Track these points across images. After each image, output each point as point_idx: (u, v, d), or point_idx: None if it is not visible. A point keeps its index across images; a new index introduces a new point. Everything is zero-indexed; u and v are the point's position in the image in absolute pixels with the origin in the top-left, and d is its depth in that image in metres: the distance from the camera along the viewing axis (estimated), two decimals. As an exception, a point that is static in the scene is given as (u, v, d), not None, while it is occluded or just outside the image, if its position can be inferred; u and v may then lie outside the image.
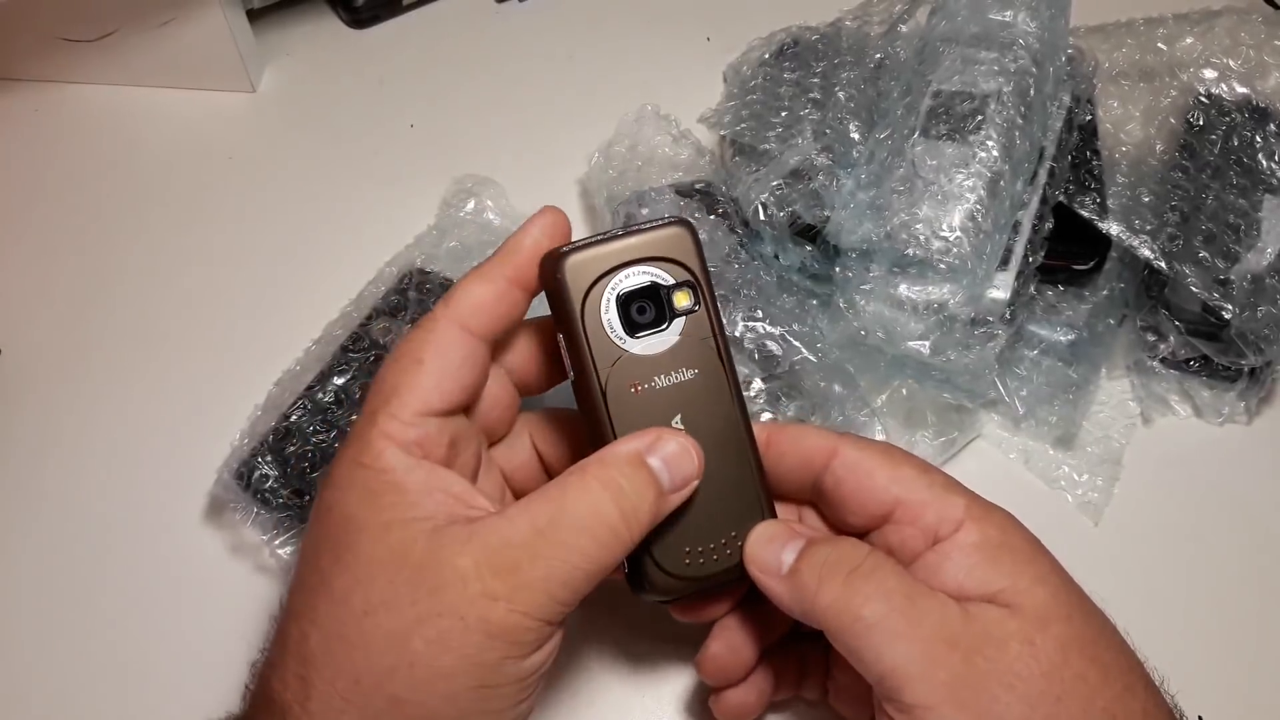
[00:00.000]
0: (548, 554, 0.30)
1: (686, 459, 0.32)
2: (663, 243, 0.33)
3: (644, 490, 0.31)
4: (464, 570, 0.30)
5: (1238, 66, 0.51)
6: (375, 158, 0.59)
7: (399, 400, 0.32)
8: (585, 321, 0.33)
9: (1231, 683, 0.41)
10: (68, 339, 0.51)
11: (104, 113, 0.61)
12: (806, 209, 0.47)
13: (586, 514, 0.30)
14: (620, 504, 0.31)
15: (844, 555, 0.32)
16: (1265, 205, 0.48)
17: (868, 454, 0.34)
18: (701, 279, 0.34)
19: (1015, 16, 0.47)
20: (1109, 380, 0.49)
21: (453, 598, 0.29)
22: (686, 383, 0.33)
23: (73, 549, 0.45)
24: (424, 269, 0.49)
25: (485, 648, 0.29)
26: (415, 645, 0.29)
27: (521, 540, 0.30)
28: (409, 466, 0.31)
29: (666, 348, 0.33)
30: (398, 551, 0.30)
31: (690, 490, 0.33)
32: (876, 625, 0.30)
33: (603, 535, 0.30)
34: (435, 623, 0.29)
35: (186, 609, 0.43)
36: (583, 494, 0.31)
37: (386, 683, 0.30)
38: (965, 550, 0.32)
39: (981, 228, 0.42)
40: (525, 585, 0.30)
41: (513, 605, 0.29)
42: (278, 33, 0.65)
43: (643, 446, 0.32)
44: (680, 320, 0.33)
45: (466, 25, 0.66)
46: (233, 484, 0.42)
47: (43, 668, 0.42)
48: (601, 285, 0.33)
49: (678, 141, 0.53)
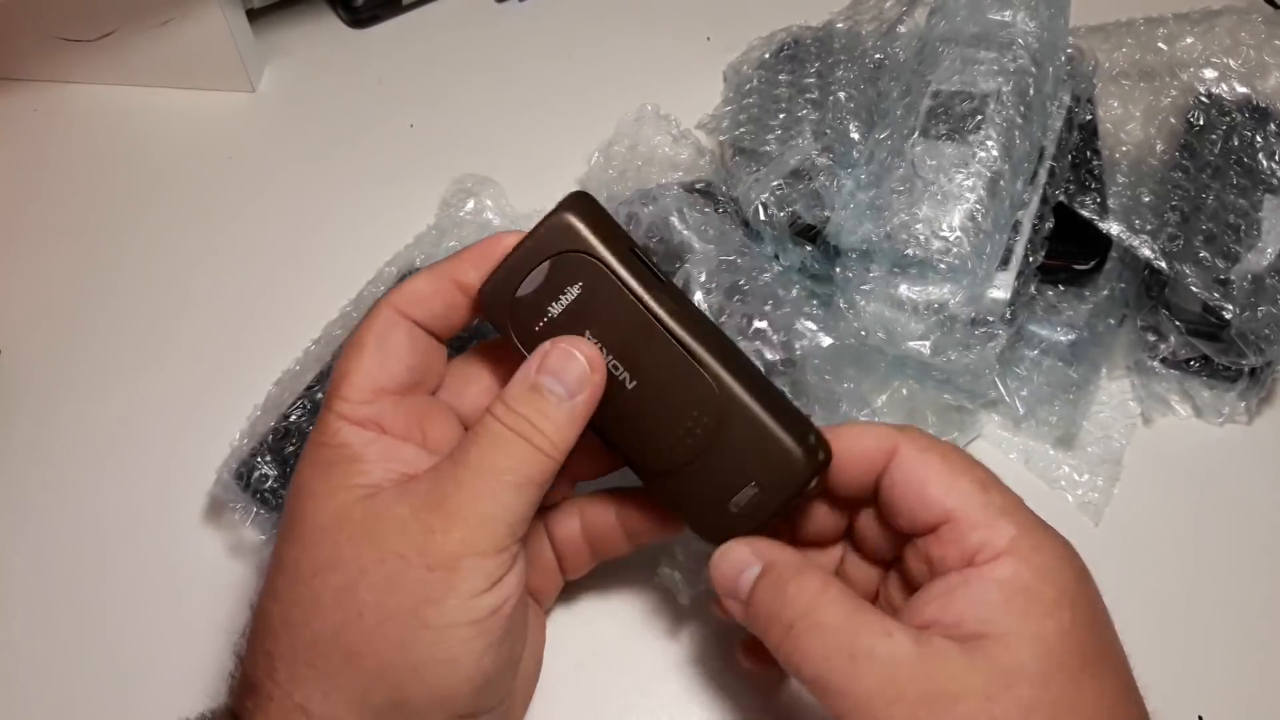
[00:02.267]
0: (470, 479, 0.31)
1: (571, 360, 0.33)
2: (551, 239, 0.34)
3: (542, 406, 0.32)
4: (402, 516, 0.31)
5: (1238, 66, 0.51)
6: (375, 158, 0.59)
7: (348, 383, 0.34)
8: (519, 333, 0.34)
9: (1232, 683, 0.41)
10: (68, 339, 0.51)
11: (104, 113, 0.61)
12: (806, 209, 0.47)
13: (498, 435, 0.32)
14: (521, 426, 0.32)
15: (788, 602, 0.31)
16: (1265, 205, 0.47)
17: (926, 459, 0.33)
18: (597, 253, 0.34)
19: (1014, 16, 0.47)
20: (1109, 380, 0.49)
21: (392, 541, 0.31)
22: (578, 298, 0.34)
23: (72, 549, 0.45)
24: (424, 269, 0.49)
25: (429, 582, 0.30)
26: (362, 594, 0.31)
27: (445, 476, 0.32)
28: (366, 441, 0.33)
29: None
30: (339, 515, 0.32)
31: (598, 387, 0.33)
32: (815, 681, 0.30)
33: (519, 450, 0.32)
34: (378, 569, 0.31)
35: (186, 609, 0.43)
36: (491, 423, 0.32)
37: (341, 637, 0.31)
38: (988, 584, 0.30)
39: (981, 228, 0.42)
40: (456, 512, 0.31)
41: (449, 534, 0.31)
42: (277, 32, 0.65)
43: (531, 371, 0.33)
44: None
45: (466, 25, 0.66)
46: (232, 484, 0.42)
47: (42, 667, 0.42)
48: (517, 297, 0.34)
49: (678, 141, 0.53)
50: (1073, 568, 0.31)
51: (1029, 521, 0.32)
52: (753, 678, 0.40)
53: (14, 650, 0.42)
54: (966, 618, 0.30)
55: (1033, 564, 0.30)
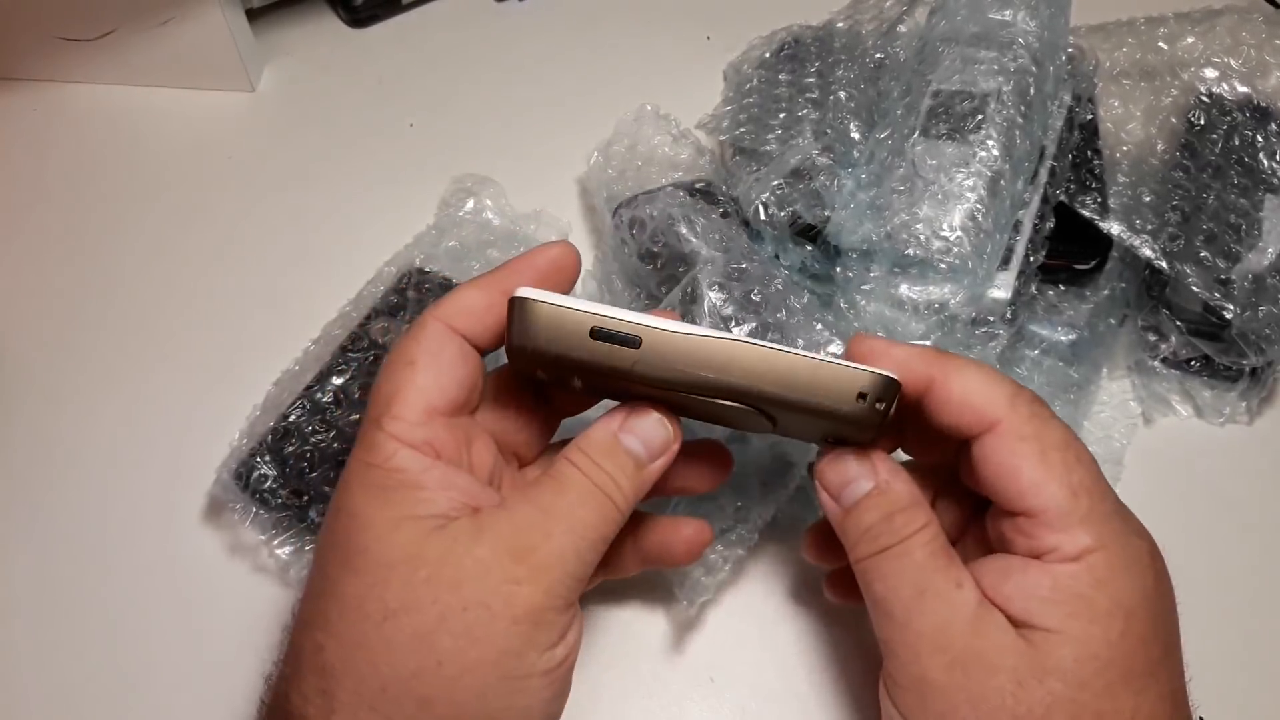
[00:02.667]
0: (557, 531, 0.31)
1: (660, 429, 0.34)
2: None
3: (625, 466, 0.33)
4: (485, 560, 0.30)
5: (1239, 66, 0.51)
6: (374, 157, 0.59)
7: (400, 402, 0.32)
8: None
9: (1232, 682, 0.41)
10: (67, 339, 0.51)
11: (103, 112, 0.61)
12: (807, 209, 0.47)
13: (582, 492, 0.32)
14: (605, 484, 0.32)
15: (889, 530, 0.33)
16: (1266, 205, 0.47)
17: (1025, 447, 0.32)
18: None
19: (1015, 15, 0.47)
20: (1110, 380, 0.49)
21: (476, 589, 0.30)
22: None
23: (71, 549, 0.45)
24: (423, 269, 0.49)
25: (512, 635, 0.30)
26: (443, 643, 0.29)
27: (530, 523, 0.31)
28: (424, 467, 0.32)
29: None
30: (410, 551, 0.30)
31: (672, 456, 0.34)
32: (879, 603, 0.32)
33: (602, 508, 0.32)
34: (462, 617, 0.30)
35: (185, 609, 0.43)
36: (575, 475, 0.32)
37: (415, 685, 0.29)
38: (1042, 577, 0.31)
39: (982, 227, 0.42)
40: (543, 565, 0.30)
41: (535, 586, 0.30)
42: (277, 32, 0.65)
43: (616, 426, 0.33)
44: None
45: (466, 25, 0.66)
46: (231, 484, 0.42)
47: (41, 667, 0.42)
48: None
49: (677, 141, 0.53)
50: (1139, 578, 0.31)
51: (1110, 533, 0.31)
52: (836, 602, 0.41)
53: (14, 650, 0.42)
54: (1014, 603, 0.31)
55: (1096, 574, 0.31)
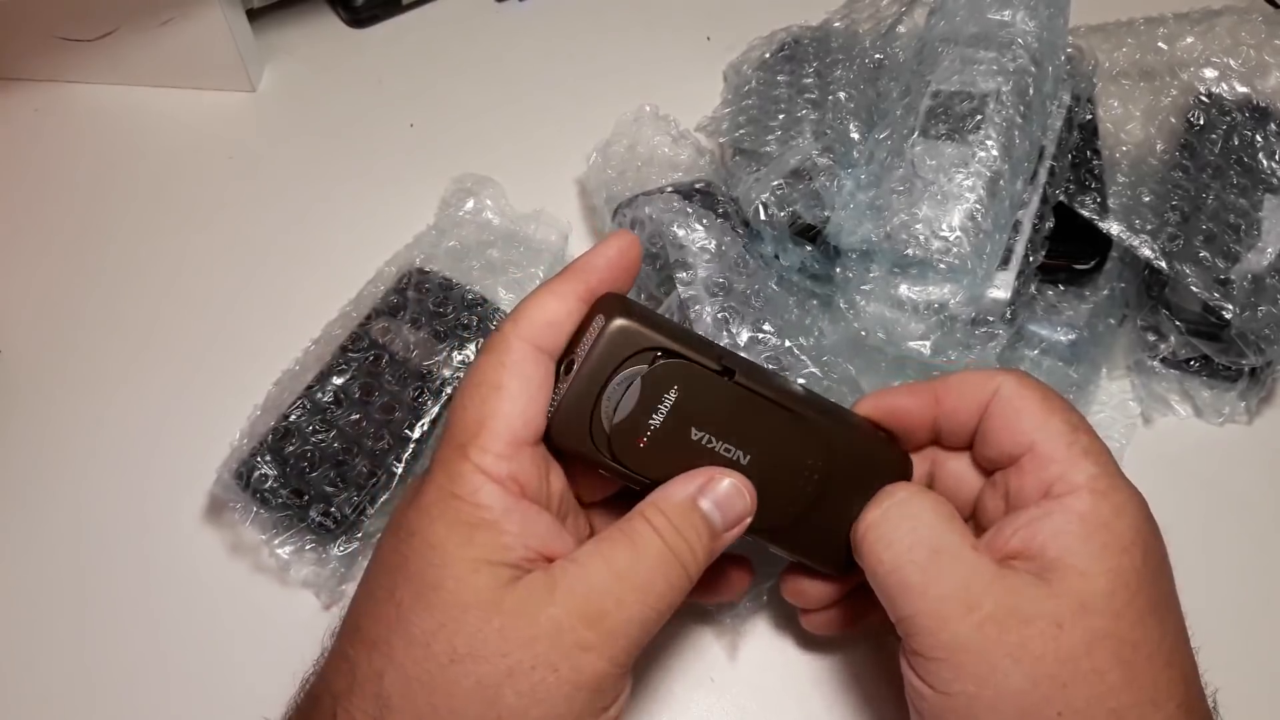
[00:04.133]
0: (630, 599, 0.30)
1: (739, 498, 0.32)
2: (616, 350, 0.32)
3: (701, 533, 0.32)
4: (559, 620, 0.29)
5: (1238, 66, 0.51)
6: (375, 157, 0.59)
7: (488, 432, 0.31)
8: (624, 458, 0.33)
9: (1232, 682, 0.41)
10: (68, 339, 0.51)
11: (104, 112, 0.61)
12: (807, 209, 0.47)
13: (657, 558, 0.31)
14: (680, 550, 0.31)
15: (888, 490, 0.33)
16: (1266, 205, 0.47)
17: (1025, 392, 0.34)
18: (662, 345, 0.33)
19: (1014, 16, 0.47)
20: (1109, 380, 0.49)
21: (546, 649, 0.29)
22: (677, 401, 0.33)
23: (72, 548, 0.45)
24: (423, 269, 0.49)
25: (574, 699, 0.29)
26: (506, 698, 0.29)
27: (605, 587, 0.30)
28: (507, 507, 0.31)
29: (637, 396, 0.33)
30: (486, 598, 0.30)
31: (745, 527, 0.33)
32: (892, 573, 0.31)
33: (674, 577, 0.31)
34: (529, 675, 0.29)
35: (185, 608, 0.43)
36: (652, 538, 0.31)
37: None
38: (1070, 516, 0.31)
39: (981, 227, 0.42)
40: (612, 632, 0.30)
41: (602, 653, 0.30)
42: (278, 32, 0.65)
43: (694, 489, 0.32)
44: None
45: (466, 25, 0.66)
46: (232, 484, 0.42)
47: (41, 667, 0.42)
48: (615, 424, 0.33)
49: (677, 141, 0.53)
50: (1144, 513, 0.32)
51: (1110, 466, 0.32)
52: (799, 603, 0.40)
53: (14, 649, 0.42)
54: (1048, 547, 0.31)
55: (1111, 502, 0.31)
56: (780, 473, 0.34)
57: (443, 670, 0.29)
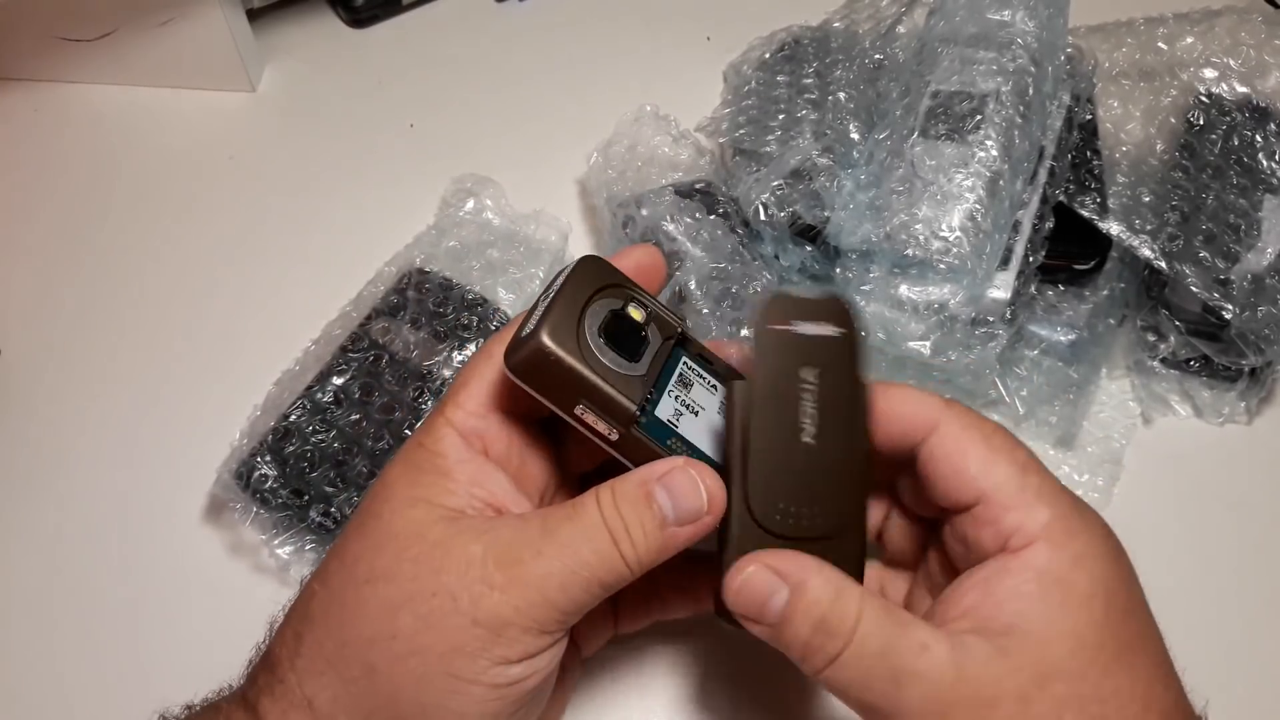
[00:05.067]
0: (550, 553, 0.30)
1: (693, 494, 0.31)
2: (589, 278, 0.33)
3: (644, 517, 0.31)
4: (472, 555, 0.30)
5: (1238, 66, 0.51)
6: (375, 157, 0.59)
7: (466, 391, 0.33)
8: (599, 375, 0.32)
9: (1232, 682, 0.41)
10: (68, 339, 0.51)
11: (104, 113, 0.61)
12: (807, 209, 0.47)
13: (590, 526, 0.31)
14: (616, 525, 0.31)
15: (832, 633, 0.30)
16: (1265, 205, 0.47)
17: (967, 436, 0.32)
18: (636, 290, 0.34)
19: (1013, 16, 0.47)
20: (1109, 380, 0.49)
21: (452, 579, 0.30)
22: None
23: (72, 548, 0.45)
24: (423, 269, 0.49)
25: (468, 633, 0.30)
26: (403, 618, 0.30)
27: (528, 539, 0.31)
28: (462, 458, 0.32)
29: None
30: (415, 528, 0.31)
31: (702, 527, 0.31)
32: (861, 705, 0.30)
33: (603, 549, 0.30)
34: (428, 600, 0.30)
35: (185, 608, 0.43)
36: (592, 508, 0.31)
37: (367, 650, 0.30)
38: (1027, 574, 0.30)
39: (981, 227, 0.42)
40: (522, 579, 0.30)
41: (506, 596, 0.30)
42: (278, 33, 0.65)
43: (653, 476, 0.31)
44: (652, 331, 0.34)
45: (466, 25, 0.66)
46: (232, 484, 0.42)
47: (41, 666, 0.42)
48: (583, 335, 0.32)
49: (677, 142, 0.53)
50: (1107, 553, 0.31)
51: (1065, 506, 0.31)
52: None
53: (14, 649, 0.42)
54: (1005, 609, 0.30)
55: (1068, 551, 0.30)
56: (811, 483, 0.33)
57: (356, 589, 0.31)
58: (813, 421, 0.32)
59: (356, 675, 0.30)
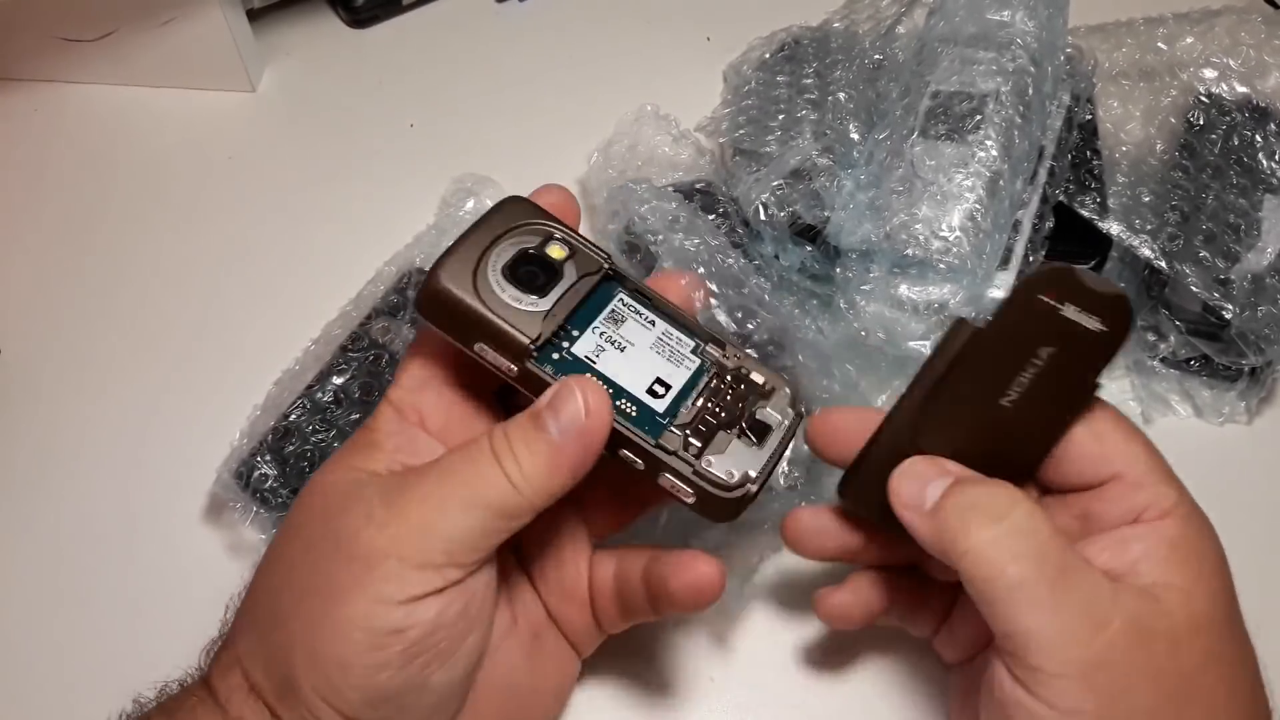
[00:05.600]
0: (430, 483, 0.30)
1: (569, 401, 0.30)
2: (505, 217, 0.34)
3: (531, 442, 0.30)
4: (366, 497, 0.31)
5: (1238, 66, 0.51)
6: (375, 157, 0.59)
7: (405, 370, 0.34)
8: (493, 310, 0.32)
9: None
10: (68, 339, 0.51)
11: (104, 113, 0.61)
12: (807, 209, 0.47)
13: (479, 450, 0.31)
14: (500, 445, 0.30)
15: (997, 502, 0.31)
16: (1265, 205, 0.47)
17: (1106, 416, 0.34)
18: (559, 228, 0.34)
19: (1013, 16, 0.47)
20: (1109, 380, 0.49)
21: (337, 522, 0.31)
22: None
23: (72, 548, 0.45)
24: (423, 269, 0.49)
25: (343, 572, 0.30)
26: (296, 566, 0.31)
27: (420, 476, 0.31)
28: (391, 430, 0.33)
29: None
30: (331, 488, 0.32)
31: (586, 436, 0.30)
32: (1020, 586, 0.29)
33: (491, 477, 0.30)
34: (318, 545, 0.31)
35: (185, 608, 0.43)
36: (483, 440, 0.31)
37: (272, 601, 0.32)
38: (1159, 540, 0.31)
39: (981, 227, 0.42)
40: (398, 509, 0.30)
41: (385, 529, 0.30)
42: (278, 33, 0.65)
43: (543, 403, 0.31)
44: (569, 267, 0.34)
45: (466, 25, 0.66)
46: (232, 483, 0.42)
47: (41, 666, 0.42)
48: (482, 272, 0.33)
49: (678, 141, 0.53)
50: (1215, 534, 0.33)
51: (1187, 493, 0.33)
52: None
53: (13, 649, 0.42)
54: (1141, 568, 0.31)
55: (1195, 525, 0.32)
56: (989, 445, 0.33)
57: (276, 548, 0.33)
58: (1020, 392, 0.32)
59: (266, 628, 0.31)
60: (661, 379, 0.34)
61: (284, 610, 0.31)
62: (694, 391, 0.34)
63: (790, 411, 0.35)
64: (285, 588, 0.31)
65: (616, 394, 0.33)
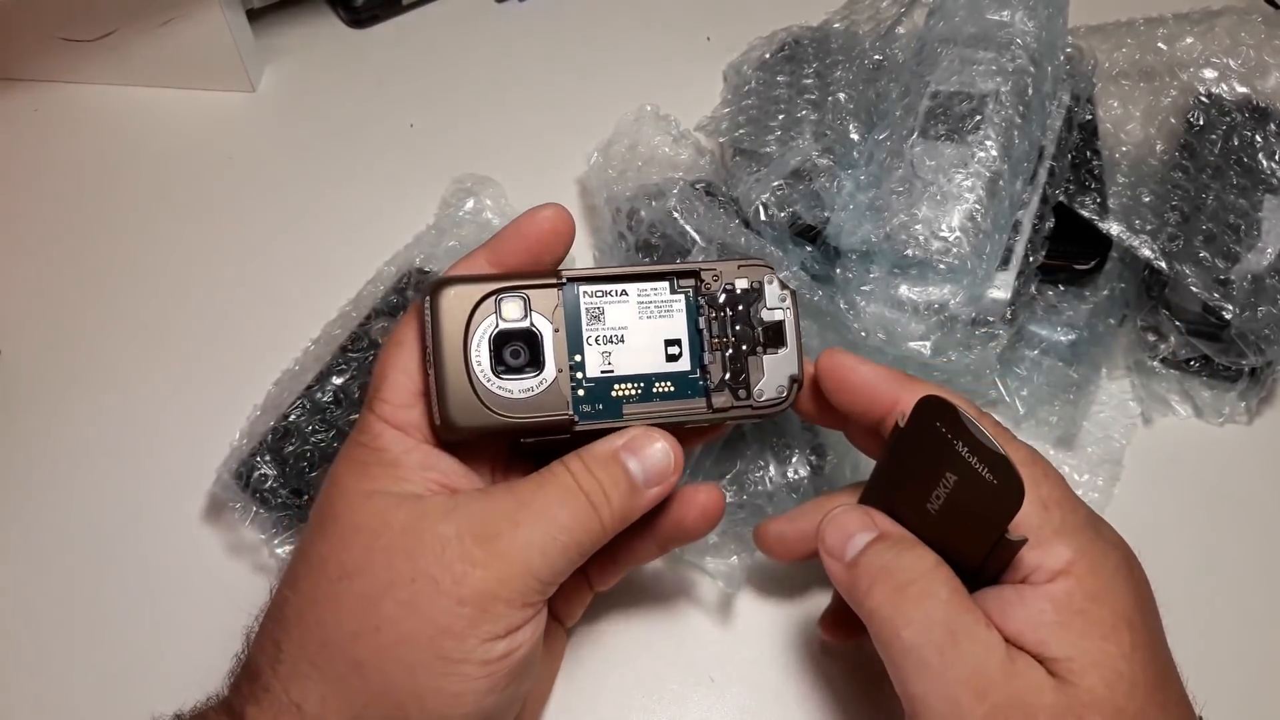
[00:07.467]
0: (528, 522, 0.31)
1: (662, 457, 0.33)
2: (448, 313, 0.32)
3: (618, 480, 0.32)
4: (445, 535, 0.30)
5: (1238, 66, 0.51)
6: (375, 157, 0.59)
7: (388, 384, 0.33)
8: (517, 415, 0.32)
9: (1232, 683, 0.41)
10: (68, 339, 0.51)
11: (104, 113, 0.61)
12: (807, 209, 0.47)
13: (564, 491, 0.31)
14: (592, 489, 0.31)
15: (904, 566, 0.31)
16: (1265, 205, 0.47)
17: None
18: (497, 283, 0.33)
19: (1013, 16, 0.47)
20: (1109, 380, 0.49)
21: (429, 561, 0.30)
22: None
23: (72, 548, 0.45)
24: (423, 269, 0.49)
25: (454, 614, 0.30)
26: (385, 608, 0.30)
27: (503, 511, 0.31)
28: (406, 449, 0.32)
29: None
30: (378, 519, 0.31)
31: (669, 486, 0.33)
32: (910, 651, 0.30)
33: (580, 512, 0.31)
34: (408, 586, 0.30)
35: (185, 608, 0.43)
36: (564, 475, 0.32)
37: (351, 646, 0.30)
38: (1046, 602, 0.30)
39: (981, 228, 0.42)
40: (503, 553, 0.30)
41: (489, 571, 0.30)
42: (278, 33, 0.65)
43: (617, 444, 0.33)
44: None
45: (466, 25, 0.66)
46: (232, 484, 0.42)
47: (41, 666, 0.42)
48: (480, 386, 0.32)
49: (678, 141, 0.53)
50: (1129, 589, 0.31)
51: (1087, 541, 0.31)
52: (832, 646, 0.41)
53: (13, 649, 0.42)
54: (1024, 634, 0.30)
55: (1086, 586, 0.30)
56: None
57: (331, 586, 0.31)
58: (939, 505, 0.32)
59: (344, 673, 0.30)
60: (667, 338, 0.34)
61: (374, 655, 0.30)
62: (701, 333, 0.34)
63: (785, 294, 0.35)
64: (370, 634, 0.30)
65: (647, 381, 0.33)
